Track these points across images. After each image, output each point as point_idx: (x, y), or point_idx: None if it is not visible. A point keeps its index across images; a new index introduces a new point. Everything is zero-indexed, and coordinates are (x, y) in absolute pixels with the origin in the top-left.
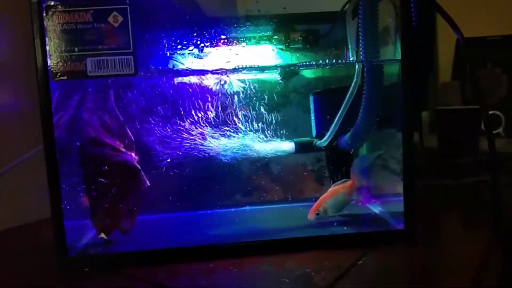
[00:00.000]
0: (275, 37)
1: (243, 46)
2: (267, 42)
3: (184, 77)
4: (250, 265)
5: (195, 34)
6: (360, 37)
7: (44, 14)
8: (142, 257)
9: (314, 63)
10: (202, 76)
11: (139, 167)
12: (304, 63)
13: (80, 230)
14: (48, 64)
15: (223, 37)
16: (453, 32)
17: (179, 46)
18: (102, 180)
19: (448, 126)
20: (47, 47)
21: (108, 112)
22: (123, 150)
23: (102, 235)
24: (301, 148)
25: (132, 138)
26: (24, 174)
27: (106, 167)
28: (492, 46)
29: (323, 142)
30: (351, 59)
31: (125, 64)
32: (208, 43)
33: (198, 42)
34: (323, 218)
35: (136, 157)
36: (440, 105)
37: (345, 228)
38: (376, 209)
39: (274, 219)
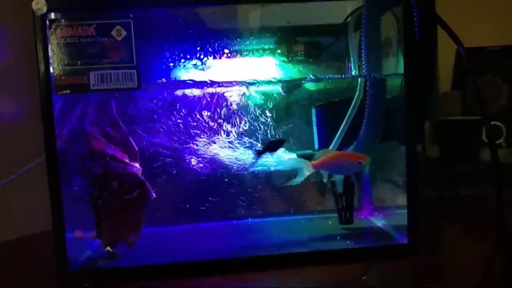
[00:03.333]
0: (278, 50)
1: (246, 60)
2: (269, 54)
3: (186, 90)
4: (252, 280)
5: (198, 48)
6: (363, 50)
7: (48, 28)
8: (144, 271)
9: (318, 76)
10: (205, 89)
11: (144, 179)
12: (307, 78)
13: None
14: (51, 77)
15: (226, 50)
16: (452, 42)
17: (182, 60)
18: (107, 192)
19: (449, 137)
20: (50, 61)
21: (111, 123)
22: (127, 161)
23: (108, 248)
24: None
25: (136, 149)
26: (25, 186)
27: (111, 180)
28: (493, 56)
29: None
30: (353, 72)
31: (128, 78)
32: (211, 56)
33: (201, 56)
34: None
35: (140, 168)
36: (440, 116)
37: (348, 242)
38: (379, 222)
39: (276, 233)
